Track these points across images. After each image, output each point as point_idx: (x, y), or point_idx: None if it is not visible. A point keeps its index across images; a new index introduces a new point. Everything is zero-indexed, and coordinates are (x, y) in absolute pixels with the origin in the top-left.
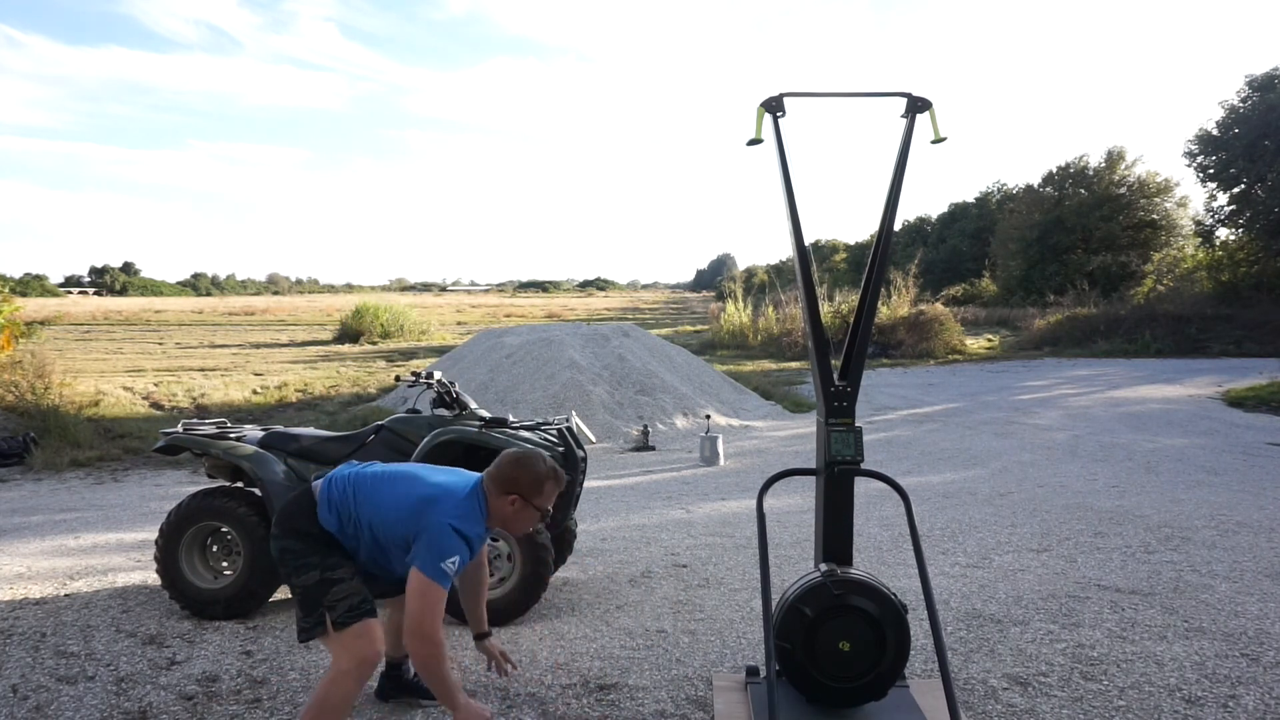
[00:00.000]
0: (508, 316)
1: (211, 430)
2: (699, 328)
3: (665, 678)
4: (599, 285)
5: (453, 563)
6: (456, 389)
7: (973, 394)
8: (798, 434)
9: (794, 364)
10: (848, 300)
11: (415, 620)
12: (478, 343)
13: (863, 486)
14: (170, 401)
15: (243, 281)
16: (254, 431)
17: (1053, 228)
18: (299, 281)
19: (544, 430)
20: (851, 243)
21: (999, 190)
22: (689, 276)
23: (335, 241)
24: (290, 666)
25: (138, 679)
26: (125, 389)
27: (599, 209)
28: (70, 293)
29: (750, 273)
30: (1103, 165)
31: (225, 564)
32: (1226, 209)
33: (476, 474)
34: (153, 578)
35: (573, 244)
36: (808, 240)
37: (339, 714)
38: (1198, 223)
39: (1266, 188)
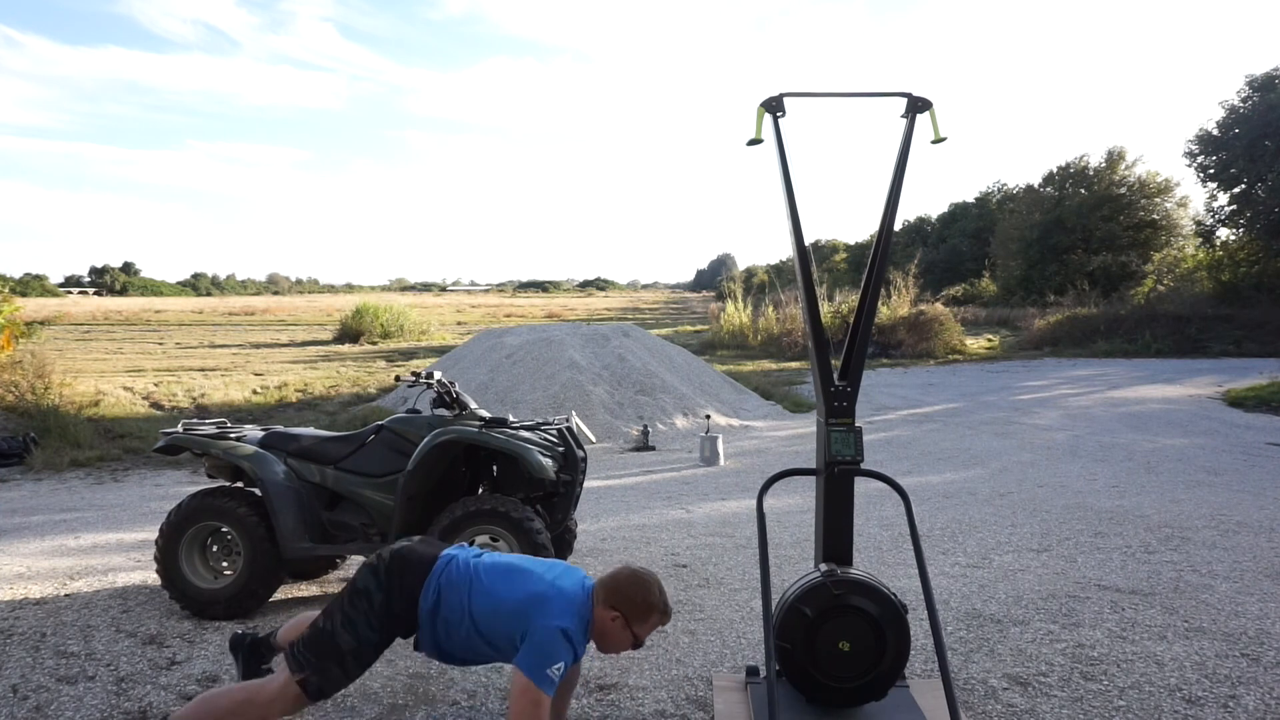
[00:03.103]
0: (508, 316)
1: (211, 430)
2: (699, 328)
3: (665, 678)
4: (599, 285)
5: (558, 669)
6: (456, 389)
7: (973, 394)
8: (798, 434)
9: (794, 364)
10: (848, 300)
11: None
12: (478, 343)
13: (863, 486)
14: (170, 401)
15: (243, 281)
16: (254, 431)
17: (1053, 228)
18: (299, 281)
19: (544, 430)
20: (851, 243)
21: (999, 190)
22: (689, 276)
23: (335, 241)
24: None
25: (138, 679)
26: (125, 389)
27: (599, 209)
28: (70, 293)
29: (750, 273)
30: (1103, 165)
31: (225, 564)
32: (1227, 209)
33: (586, 578)
34: (153, 578)
35: (573, 244)
36: (808, 240)
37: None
38: (1198, 223)
39: (1267, 188)
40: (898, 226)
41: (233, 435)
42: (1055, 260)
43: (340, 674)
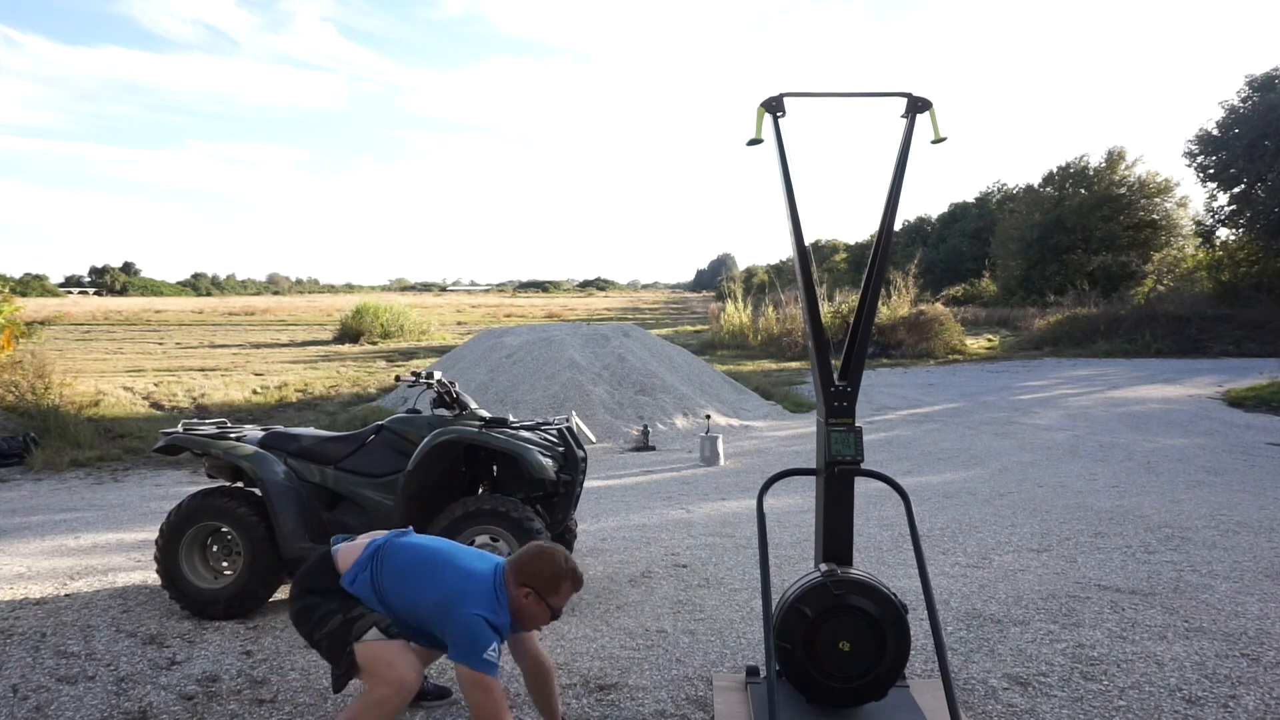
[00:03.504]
0: (508, 316)
1: (211, 430)
2: (699, 328)
3: (665, 678)
4: (599, 285)
5: (493, 651)
6: (456, 389)
7: (973, 394)
8: (798, 434)
9: (794, 364)
10: (848, 300)
11: (484, 715)
12: (478, 343)
13: (863, 486)
14: (170, 401)
15: (243, 281)
16: (254, 431)
17: (1053, 228)
18: (299, 281)
19: (544, 430)
20: (851, 243)
21: (999, 190)
22: (689, 276)
23: (335, 241)
24: (290, 666)
25: (138, 679)
26: (125, 389)
27: (599, 209)
28: (70, 293)
29: (750, 273)
30: (1103, 165)
31: (225, 564)
32: (1227, 209)
33: (498, 559)
34: (153, 578)
35: (573, 244)
36: (808, 240)
37: None
38: (1198, 223)
39: (1266, 188)
40: (898, 226)
41: (233, 435)
42: (1055, 260)
43: (369, 619)
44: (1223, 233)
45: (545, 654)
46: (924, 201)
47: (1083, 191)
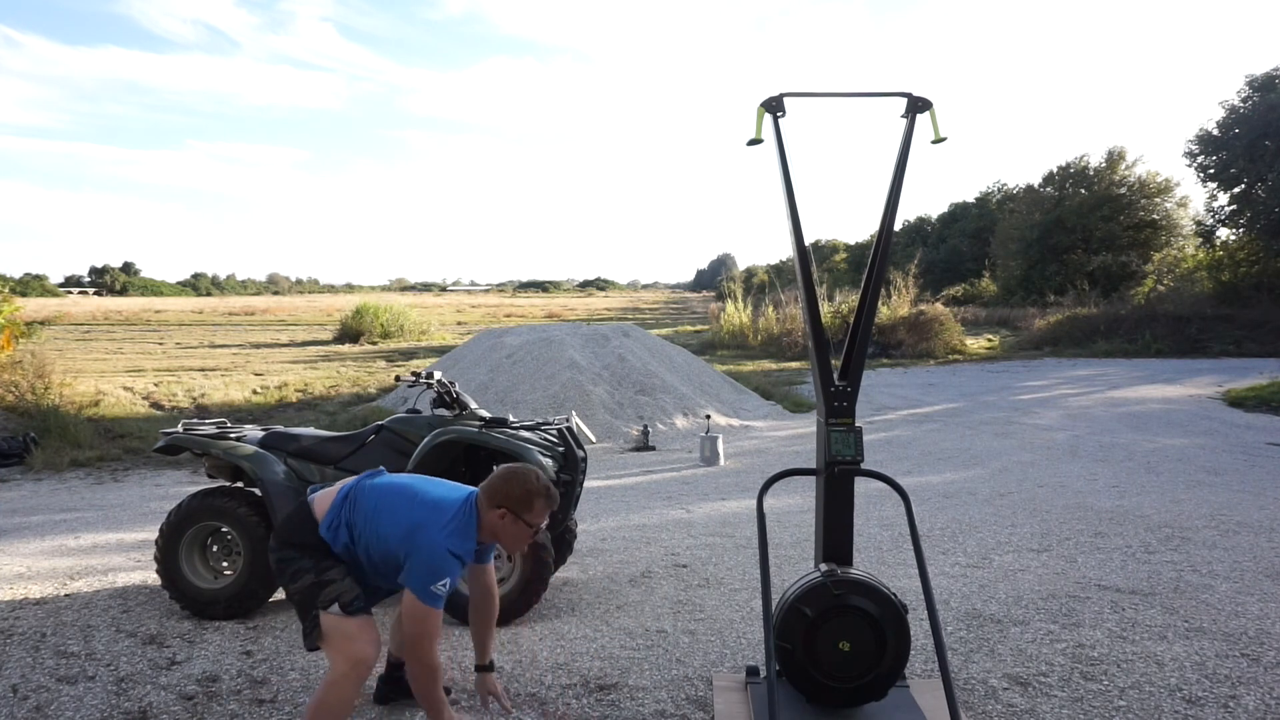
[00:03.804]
0: (508, 316)
1: (211, 430)
2: (699, 328)
3: (665, 678)
4: (599, 285)
5: (443, 585)
6: (456, 389)
7: (973, 394)
8: (798, 434)
9: (794, 364)
10: (848, 300)
11: (411, 644)
12: (478, 343)
13: (863, 486)
14: (170, 401)
15: (243, 281)
16: (254, 431)
17: (1053, 228)
18: (299, 281)
19: (544, 430)
20: (851, 243)
21: (999, 190)
22: (689, 276)
23: (335, 241)
24: (290, 666)
25: (138, 679)
26: (125, 389)
27: (599, 209)
28: (70, 293)
29: (750, 273)
30: (1103, 165)
31: (225, 564)
32: (1227, 209)
33: (472, 488)
34: (153, 578)
35: (573, 244)
36: (808, 240)
37: (337, 717)
38: (1198, 223)
39: (1267, 188)
40: (898, 226)
41: (233, 435)
42: (1055, 260)
43: (335, 588)
44: (1223, 233)
45: (495, 587)
46: (924, 201)
47: (1083, 191)
